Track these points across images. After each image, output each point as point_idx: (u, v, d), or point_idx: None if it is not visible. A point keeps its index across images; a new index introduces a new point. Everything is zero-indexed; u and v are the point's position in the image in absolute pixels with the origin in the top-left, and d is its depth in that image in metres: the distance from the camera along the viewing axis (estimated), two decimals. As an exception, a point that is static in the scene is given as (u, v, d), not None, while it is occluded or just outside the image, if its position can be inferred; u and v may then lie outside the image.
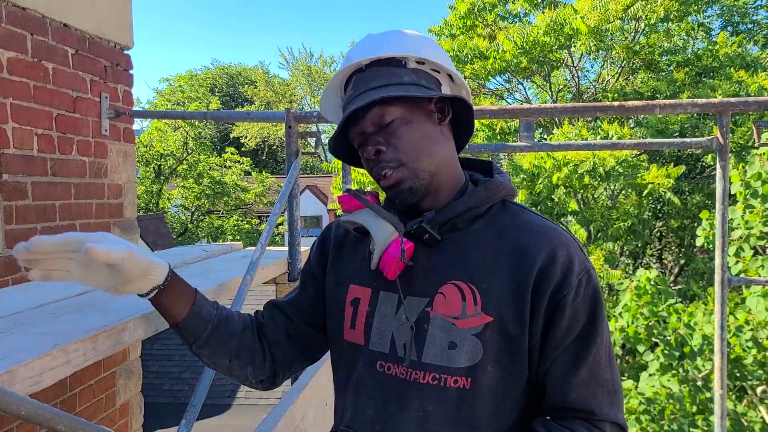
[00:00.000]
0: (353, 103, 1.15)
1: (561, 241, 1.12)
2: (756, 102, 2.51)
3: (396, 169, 1.14)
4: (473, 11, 12.11)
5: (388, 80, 1.15)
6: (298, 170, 2.64)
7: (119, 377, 3.02)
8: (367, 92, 1.15)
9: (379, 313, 1.17)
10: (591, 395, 1.08)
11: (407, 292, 1.15)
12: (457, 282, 1.11)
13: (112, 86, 3.02)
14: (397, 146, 1.14)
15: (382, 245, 1.15)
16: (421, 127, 1.17)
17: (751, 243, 6.15)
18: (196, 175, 20.19)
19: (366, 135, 1.17)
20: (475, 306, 1.09)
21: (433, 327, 1.10)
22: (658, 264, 14.71)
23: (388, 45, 1.19)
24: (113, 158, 3.03)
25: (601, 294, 1.15)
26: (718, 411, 2.57)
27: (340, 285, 1.27)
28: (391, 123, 1.15)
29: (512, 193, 1.22)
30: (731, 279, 2.55)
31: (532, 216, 1.19)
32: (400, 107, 1.15)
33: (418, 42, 1.22)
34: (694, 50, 13.24)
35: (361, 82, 1.18)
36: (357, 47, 1.23)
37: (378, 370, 1.16)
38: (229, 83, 41.40)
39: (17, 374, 1.11)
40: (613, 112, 2.68)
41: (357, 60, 1.19)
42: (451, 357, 1.08)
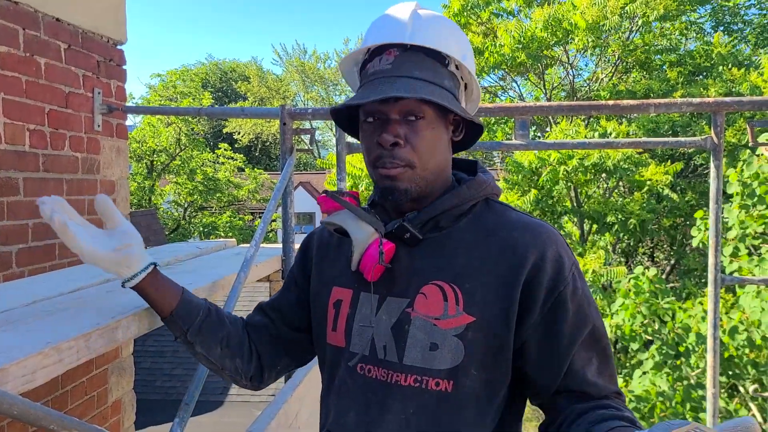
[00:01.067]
0: (391, 83, 1.08)
1: (549, 237, 1.11)
2: (750, 102, 2.52)
3: (403, 169, 1.11)
4: (467, 8, 12.11)
5: (431, 77, 1.10)
6: (293, 167, 2.63)
7: (111, 374, 3.00)
8: (409, 79, 1.08)
9: (359, 314, 1.16)
10: (613, 380, 1.11)
11: (388, 293, 1.13)
12: (439, 282, 1.09)
13: (105, 82, 2.99)
14: (416, 146, 1.10)
15: (362, 247, 1.13)
16: (440, 135, 1.14)
17: (746, 243, 6.19)
18: (188, 171, 20.12)
19: (387, 118, 1.11)
20: (457, 306, 1.07)
21: (414, 328, 1.09)
22: (650, 262, 14.78)
23: (439, 36, 1.13)
24: (106, 154, 3.00)
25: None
26: (710, 409, 2.58)
27: (323, 287, 1.25)
28: (419, 121, 1.10)
29: (495, 192, 1.20)
30: (724, 278, 2.56)
31: (518, 214, 1.17)
32: (433, 110, 1.11)
33: (464, 45, 1.18)
34: (686, 49, 13.29)
35: (404, 62, 1.11)
36: (404, 19, 1.14)
37: (359, 372, 1.14)
38: (222, 79, 41.25)
39: (9, 372, 1.10)
40: (608, 111, 2.68)
41: (405, 40, 1.12)
42: (432, 358, 1.07)
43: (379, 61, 1.13)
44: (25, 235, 2.46)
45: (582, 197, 11.77)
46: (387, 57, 1.12)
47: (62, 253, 2.67)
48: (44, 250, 2.56)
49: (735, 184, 6.36)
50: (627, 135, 10.33)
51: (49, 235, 2.59)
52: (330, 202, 1.20)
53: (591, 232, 12.17)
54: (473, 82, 1.21)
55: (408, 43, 1.11)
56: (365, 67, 1.17)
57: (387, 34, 1.14)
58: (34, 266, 2.50)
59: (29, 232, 2.48)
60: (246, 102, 36.43)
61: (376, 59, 1.13)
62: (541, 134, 12.97)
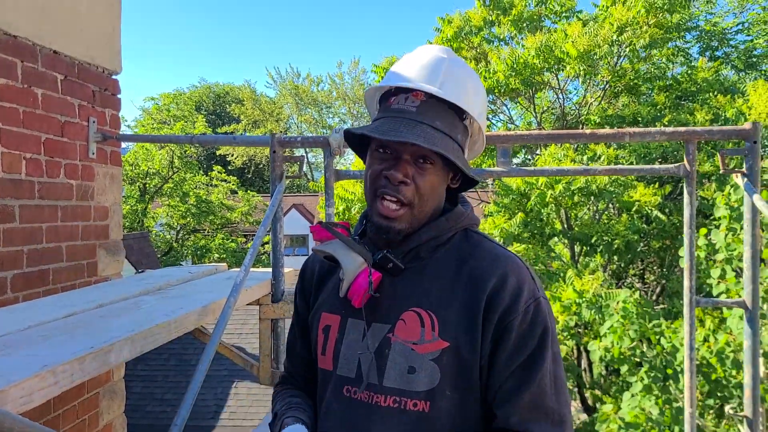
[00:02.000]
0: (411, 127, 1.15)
1: (512, 268, 1.18)
2: (720, 131, 2.63)
3: (402, 206, 1.18)
4: (459, 34, 12.33)
5: (448, 130, 1.19)
6: (282, 193, 2.71)
7: (103, 398, 3.04)
8: (428, 127, 1.16)
9: (347, 339, 1.23)
10: (533, 420, 1.12)
11: (372, 319, 1.21)
12: (417, 309, 1.17)
13: (100, 110, 3.08)
14: (419, 188, 1.18)
15: (351, 275, 1.20)
16: (440, 181, 1.23)
17: (733, 265, 6.28)
18: (181, 193, 20.19)
19: (399, 157, 1.19)
20: (433, 332, 1.14)
21: (394, 352, 1.16)
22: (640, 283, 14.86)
23: (462, 92, 1.22)
24: (100, 181, 3.08)
25: (551, 324, 1.18)
26: (688, 429, 2.64)
27: (315, 313, 1.33)
28: (428, 166, 1.19)
29: (474, 222, 1.28)
30: (699, 300, 2.64)
31: (491, 245, 1.25)
32: (441, 160, 1.20)
33: (483, 103, 1.28)
34: (673, 74, 13.53)
35: (428, 109, 1.19)
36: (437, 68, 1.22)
37: (344, 394, 1.21)
38: (215, 102, 41.50)
39: (9, 394, 1.17)
40: (585, 140, 2.78)
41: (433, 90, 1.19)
42: (410, 381, 1.14)
43: (405, 99, 1.20)
44: (20, 261, 2.52)
45: (572, 220, 11.90)
46: (413, 99, 1.20)
47: (56, 278, 2.73)
48: (39, 276, 2.63)
49: (722, 207, 6.45)
50: (616, 158, 10.50)
51: (44, 261, 2.66)
52: (323, 232, 1.28)
53: (581, 254, 12.27)
54: (480, 137, 1.30)
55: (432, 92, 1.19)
56: (388, 99, 1.24)
57: (419, 78, 1.22)
58: (29, 291, 2.55)
59: (24, 258, 2.55)
60: (240, 125, 36.59)
61: (402, 96, 1.21)
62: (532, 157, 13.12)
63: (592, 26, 11.04)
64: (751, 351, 2.59)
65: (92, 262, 3.01)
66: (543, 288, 1.23)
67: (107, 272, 3.13)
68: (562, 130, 3.09)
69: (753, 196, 2.48)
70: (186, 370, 11.62)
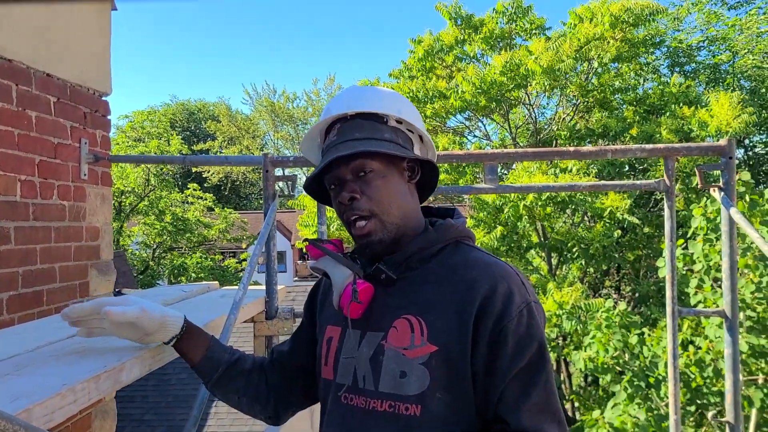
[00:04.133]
0: (336, 150, 1.25)
1: (502, 274, 1.22)
2: (698, 147, 2.76)
3: (368, 220, 1.25)
4: (431, 53, 12.53)
5: (370, 134, 1.27)
6: (275, 212, 2.76)
7: (95, 418, 3.04)
8: (351, 142, 1.26)
9: (345, 348, 1.30)
10: (542, 421, 1.15)
11: (368, 328, 1.27)
12: (408, 316, 1.22)
13: (91, 132, 3.11)
14: (371, 196, 1.25)
15: (340, 287, 1.28)
16: (394, 182, 1.29)
17: (710, 275, 6.46)
18: (157, 211, 20.02)
19: (343, 180, 1.28)
20: (422, 337, 1.19)
21: (387, 358, 1.21)
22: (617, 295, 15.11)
23: (372, 101, 1.32)
24: (91, 201, 3.10)
25: (543, 330, 1.22)
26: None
27: (321, 328, 1.40)
28: (369, 174, 1.26)
29: (465, 235, 1.33)
30: (681, 310, 2.74)
31: (481, 254, 1.30)
32: (379, 161, 1.26)
33: (398, 102, 1.35)
34: (643, 89, 13.89)
35: (346, 130, 1.29)
36: (343, 97, 1.34)
37: (343, 401, 1.27)
38: (189, 119, 41.30)
39: (33, 413, 1.20)
40: (569, 157, 2.89)
41: (343, 111, 1.31)
42: (402, 385, 1.19)
43: (327, 136, 1.35)
44: (15, 282, 2.53)
45: (548, 231, 12.09)
46: (333, 132, 1.32)
47: (50, 299, 2.74)
48: (33, 297, 2.63)
49: (699, 218, 6.64)
50: (586, 170, 10.75)
51: (38, 282, 2.67)
52: (315, 250, 1.36)
53: (558, 265, 12.47)
54: (423, 132, 1.36)
55: (347, 114, 1.31)
56: None
57: (330, 114, 1.34)
58: (24, 313, 2.56)
59: (19, 279, 2.55)
60: (216, 141, 36.43)
61: (327, 137, 1.34)
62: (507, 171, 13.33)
63: (555, 42, 11.31)
64: (732, 358, 2.70)
65: (84, 282, 3.02)
66: (535, 293, 1.27)
67: (98, 292, 3.13)
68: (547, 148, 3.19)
69: (730, 210, 2.60)
70: (165, 390, 11.47)
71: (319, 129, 1.39)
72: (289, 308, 2.94)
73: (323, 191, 1.40)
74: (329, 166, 1.28)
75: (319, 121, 1.37)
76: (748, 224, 2.49)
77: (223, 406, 10.93)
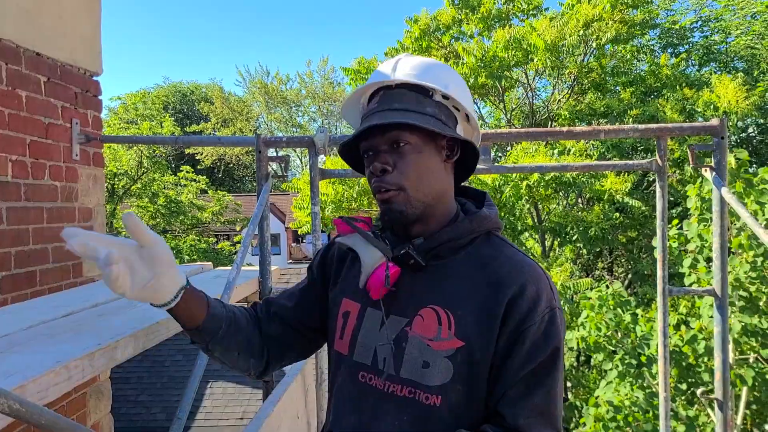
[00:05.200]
0: (375, 118, 1.22)
1: (533, 276, 1.20)
2: (690, 127, 2.76)
3: (394, 191, 1.22)
4: (428, 33, 12.45)
5: (412, 106, 1.23)
6: (269, 193, 2.76)
7: (90, 398, 3.05)
8: (391, 111, 1.22)
9: (364, 327, 1.28)
10: (538, 423, 1.16)
11: (390, 311, 1.25)
12: (435, 306, 1.21)
13: (83, 112, 3.08)
14: (403, 171, 1.22)
15: (369, 269, 1.25)
16: (429, 159, 1.24)
17: (704, 255, 6.49)
18: (150, 194, 19.94)
19: (377, 150, 1.24)
20: (449, 330, 1.18)
21: (410, 346, 1.20)
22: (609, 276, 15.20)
23: (420, 72, 1.26)
24: (83, 182, 3.08)
25: (563, 335, 1.22)
26: (662, 412, 2.77)
27: (336, 298, 1.38)
28: (404, 146, 1.22)
29: (497, 226, 1.30)
30: (671, 290, 2.76)
31: (512, 251, 1.27)
32: (416, 136, 1.22)
33: (448, 77, 1.29)
34: (638, 71, 13.88)
35: (388, 99, 1.25)
36: (391, 64, 1.30)
37: (360, 380, 1.26)
38: (182, 101, 41.01)
39: (27, 389, 1.21)
40: (563, 137, 2.89)
41: (388, 78, 1.27)
42: (424, 375, 1.18)
43: (368, 103, 1.31)
44: (8, 262, 2.52)
45: (543, 213, 12.13)
46: (375, 99, 1.28)
47: (43, 279, 2.74)
48: (26, 277, 2.63)
49: (694, 198, 6.64)
50: (585, 152, 10.76)
51: (31, 262, 2.66)
52: (344, 226, 1.34)
53: (552, 247, 12.52)
54: (470, 111, 1.32)
55: (392, 84, 1.26)
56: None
57: (373, 79, 1.30)
58: (17, 293, 2.56)
59: (12, 259, 2.55)
60: (209, 123, 36.22)
61: (370, 102, 1.31)
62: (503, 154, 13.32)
63: (560, 20, 11.27)
64: (721, 337, 2.73)
65: (78, 264, 3.01)
66: (559, 298, 1.26)
67: (92, 273, 3.13)
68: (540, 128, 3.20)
69: (721, 190, 2.61)
70: (160, 371, 11.52)
71: (361, 93, 1.35)
72: (282, 289, 2.94)
73: (357, 157, 1.37)
74: (365, 134, 1.25)
75: (363, 84, 1.33)
76: (739, 204, 2.50)
77: (218, 388, 11.00)
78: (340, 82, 36.71)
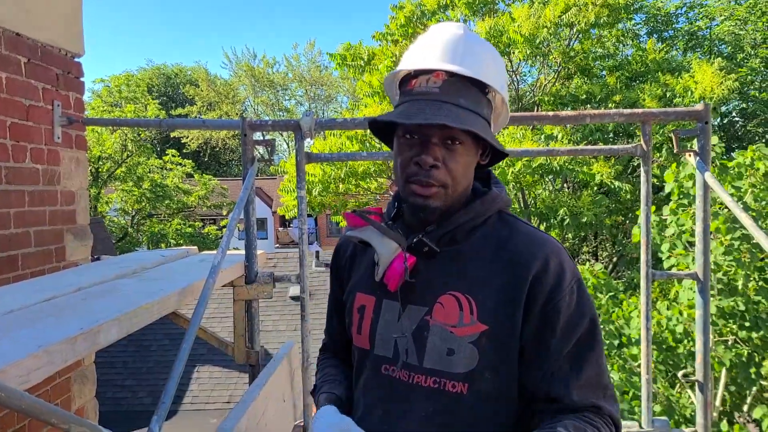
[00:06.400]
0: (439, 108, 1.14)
1: (553, 250, 1.18)
2: (675, 112, 2.77)
3: (437, 187, 1.18)
4: (412, 20, 12.38)
5: (473, 106, 1.17)
6: (254, 177, 2.74)
7: (74, 382, 3.04)
8: (455, 107, 1.15)
9: (383, 320, 1.26)
10: (594, 396, 1.15)
11: (408, 301, 1.22)
12: (455, 293, 1.18)
13: (64, 94, 3.04)
14: (451, 170, 1.18)
15: (387, 260, 1.23)
16: (471, 160, 1.22)
17: (683, 239, 6.56)
18: (135, 178, 19.76)
19: (428, 140, 1.17)
20: (471, 315, 1.16)
21: (433, 335, 1.18)
22: (594, 260, 15.34)
23: (483, 67, 1.20)
24: (66, 165, 3.05)
25: (593, 304, 1.19)
26: (644, 393, 2.81)
27: (350, 293, 1.36)
28: (458, 146, 1.18)
29: (507, 204, 1.28)
30: (654, 273, 2.79)
31: (527, 228, 1.25)
32: (471, 138, 1.18)
33: (503, 75, 1.26)
34: (624, 56, 13.91)
35: (450, 87, 1.16)
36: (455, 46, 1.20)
37: (383, 373, 1.24)
38: (167, 83, 40.55)
39: (8, 373, 1.20)
40: (549, 122, 2.89)
41: (452, 65, 1.17)
42: (449, 363, 1.16)
43: (426, 81, 1.18)
44: (-11, 246, 2.49)
45: (529, 199, 12.18)
46: (435, 80, 1.17)
47: (25, 264, 2.71)
48: (8, 261, 2.60)
49: (672, 184, 6.71)
50: (570, 138, 10.80)
51: (12, 246, 2.63)
52: (356, 219, 1.31)
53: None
54: (504, 109, 1.29)
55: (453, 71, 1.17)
56: (409, 83, 1.22)
57: (437, 58, 1.19)
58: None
59: (-7, 243, 2.52)
60: (194, 107, 35.88)
61: (423, 78, 1.19)
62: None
63: (538, 9, 11.24)
64: (702, 319, 2.76)
65: (60, 247, 2.99)
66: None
67: (75, 257, 3.10)
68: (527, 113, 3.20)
69: (704, 174, 2.63)
70: (145, 356, 11.51)
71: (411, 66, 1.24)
72: (268, 272, 2.94)
73: (387, 126, 1.31)
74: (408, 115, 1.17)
75: (414, 58, 1.24)
76: (722, 189, 2.52)
77: (204, 372, 11.01)
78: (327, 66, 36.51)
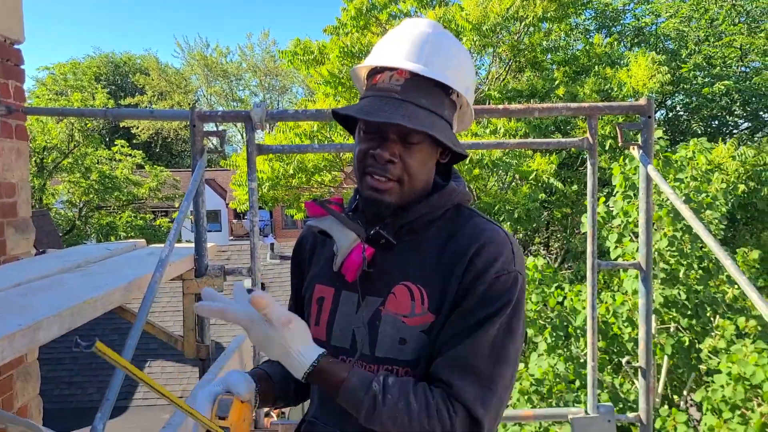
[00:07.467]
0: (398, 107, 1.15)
1: (492, 238, 1.20)
2: (619, 106, 2.85)
3: (392, 182, 1.19)
4: (363, 12, 12.34)
5: (434, 107, 1.19)
6: (204, 168, 2.70)
7: (17, 380, 2.95)
8: (415, 106, 1.16)
9: (340, 311, 1.27)
10: (457, 374, 1.14)
11: (366, 292, 1.24)
12: (408, 283, 1.21)
13: (3, 82, 2.92)
14: (407, 166, 1.19)
15: (345, 250, 1.24)
16: (429, 159, 1.24)
17: (629, 230, 6.77)
18: (83, 169, 19.19)
19: (386, 137, 1.19)
20: (422, 305, 1.19)
21: (384, 324, 1.21)
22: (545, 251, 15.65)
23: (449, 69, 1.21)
24: (5, 156, 2.94)
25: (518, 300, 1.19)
26: (590, 380, 2.89)
27: (309, 285, 1.37)
28: (415, 145, 1.19)
29: (466, 198, 1.31)
30: (600, 263, 2.87)
31: (480, 220, 1.27)
32: (429, 138, 1.19)
33: (470, 77, 1.27)
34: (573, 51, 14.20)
35: (412, 87, 1.18)
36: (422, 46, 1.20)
37: None
38: (115, 72, 39.42)
39: (-59, 373, 1.16)
40: (499, 115, 2.94)
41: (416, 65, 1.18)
42: (401, 351, 1.19)
43: (390, 78, 1.20)
44: None
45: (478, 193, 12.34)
46: (398, 77, 1.19)
47: (-38, 258, 2.61)
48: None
49: (618, 176, 6.91)
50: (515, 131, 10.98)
51: (-51, 240, 2.53)
52: (316, 209, 1.31)
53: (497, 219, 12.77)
54: (469, 110, 1.30)
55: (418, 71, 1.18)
56: (374, 77, 1.23)
57: (403, 55, 1.20)
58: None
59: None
60: (144, 96, 35.00)
61: (387, 74, 1.20)
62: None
63: None
64: (645, 308, 2.86)
65: (0, 241, 2.88)
66: (523, 265, 1.24)
67: (16, 251, 3.00)
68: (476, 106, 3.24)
69: (647, 167, 2.72)
70: (95, 351, 11.22)
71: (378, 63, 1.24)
72: (219, 265, 2.91)
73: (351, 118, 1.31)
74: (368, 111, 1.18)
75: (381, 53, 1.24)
76: (663, 181, 2.61)
77: (156, 366, 10.83)
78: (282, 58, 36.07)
